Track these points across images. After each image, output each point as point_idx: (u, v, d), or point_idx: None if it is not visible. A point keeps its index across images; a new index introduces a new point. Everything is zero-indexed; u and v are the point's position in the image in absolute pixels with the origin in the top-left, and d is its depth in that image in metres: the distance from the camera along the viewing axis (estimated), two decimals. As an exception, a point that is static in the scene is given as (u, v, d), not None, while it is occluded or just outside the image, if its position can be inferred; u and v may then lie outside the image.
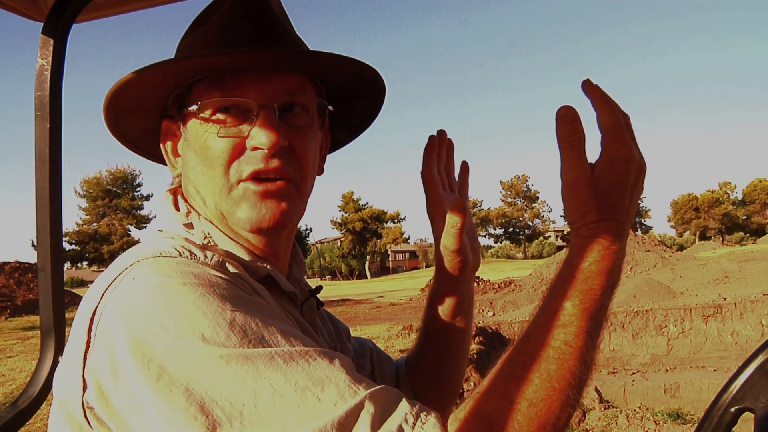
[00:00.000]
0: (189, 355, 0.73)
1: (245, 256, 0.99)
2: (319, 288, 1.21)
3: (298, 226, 1.15)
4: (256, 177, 0.97)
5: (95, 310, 0.82)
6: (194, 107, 0.97)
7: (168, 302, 0.77)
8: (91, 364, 0.79)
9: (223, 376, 0.71)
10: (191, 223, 1.03)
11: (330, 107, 1.09)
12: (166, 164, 1.21)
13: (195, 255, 0.88)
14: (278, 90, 0.99)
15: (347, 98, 1.15)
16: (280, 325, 0.80)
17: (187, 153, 1.03)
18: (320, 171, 1.15)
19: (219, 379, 0.71)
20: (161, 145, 1.10)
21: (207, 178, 0.99)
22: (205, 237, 1.00)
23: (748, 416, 1.18)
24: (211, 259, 0.89)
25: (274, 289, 1.03)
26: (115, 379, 0.76)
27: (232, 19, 1.02)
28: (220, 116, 0.97)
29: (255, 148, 0.96)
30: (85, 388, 0.80)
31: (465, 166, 1.30)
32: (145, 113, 1.07)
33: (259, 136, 0.95)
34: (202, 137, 0.98)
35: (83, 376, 0.80)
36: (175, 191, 1.10)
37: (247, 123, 0.97)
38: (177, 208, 1.06)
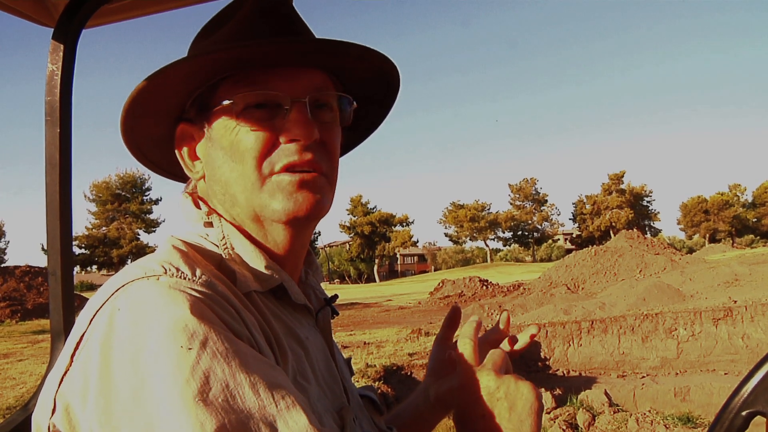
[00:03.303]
0: (148, 404, 0.70)
1: (260, 262, 0.98)
2: (335, 297, 1.21)
3: None
4: (289, 169, 0.97)
5: (83, 335, 0.82)
6: (226, 103, 0.97)
7: (140, 345, 0.74)
8: (64, 388, 0.79)
9: (172, 427, 0.68)
10: (211, 222, 1.02)
11: (355, 103, 1.09)
12: (170, 177, 1.21)
13: (182, 272, 0.86)
14: (307, 85, 1.00)
15: (359, 99, 1.15)
16: (251, 375, 0.75)
17: (212, 153, 1.02)
18: None
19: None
20: (176, 150, 1.08)
21: (237, 174, 0.98)
22: (223, 238, 1.00)
23: (759, 420, 1.17)
24: (199, 278, 0.86)
25: (286, 298, 1.02)
26: (84, 408, 0.75)
27: (257, 17, 1.02)
28: (251, 111, 0.97)
29: (290, 141, 0.97)
30: (54, 411, 0.79)
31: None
32: (160, 117, 1.06)
33: (295, 130, 0.96)
34: (232, 133, 0.98)
35: (55, 398, 0.79)
36: (192, 195, 1.09)
37: (278, 118, 0.97)
38: (198, 208, 1.06)
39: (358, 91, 1.12)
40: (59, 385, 0.80)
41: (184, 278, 0.84)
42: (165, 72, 0.96)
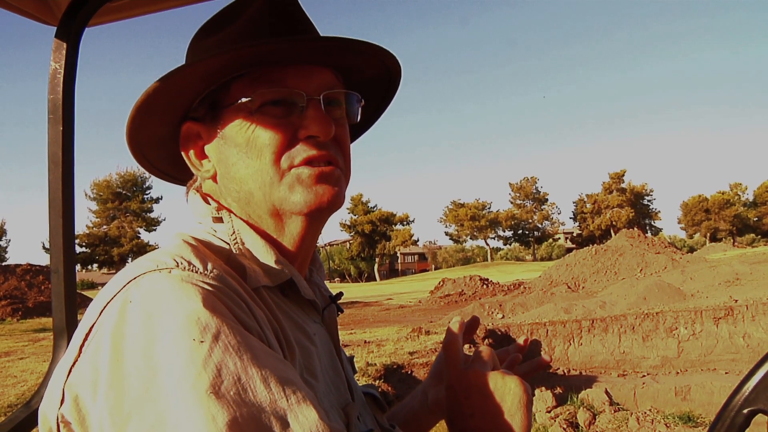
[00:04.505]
0: (160, 397, 0.70)
1: (271, 257, 0.99)
2: (340, 294, 1.21)
3: None
4: (308, 163, 0.98)
5: (92, 327, 0.82)
6: (244, 100, 0.98)
7: (152, 337, 0.74)
8: (72, 379, 0.79)
9: (184, 423, 0.68)
10: (220, 218, 1.02)
11: (363, 101, 1.10)
12: (168, 179, 1.21)
13: (194, 266, 0.86)
14: (320, 83, 1.01)
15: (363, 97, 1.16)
16: (263, 369, 0.75)
17: (225, 151, 1.02)
18: None
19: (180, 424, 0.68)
20: (182, 150, 1.08)
21: (253, 170, 0.99)
22: (233, 233, 1.00)
23: (761, 418, 1.17)
24: (211, 272, 0.86)
25: (293, 295, 1.03)
26: (94, 399, 0.75)
27: (267, 15, 1.03)
28: (267, 108, 0.98)
29: (308, 138, 0.98)
30: (62, 402, 0.79)
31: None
32: (166, 117, 1.05)
33: (313, 126, 0.97)
34: (248, 130, 0.98)
35: (63, 388, 0.79)
36: (198, 191, 1.09)
37: (294, 115, 0.99)
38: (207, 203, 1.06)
39: (361, 89, 1.12)
40: (67, 376, 0.79)
41: (196, 272, 0.84)
42: (182, 71, 0.96)
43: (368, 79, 1.14)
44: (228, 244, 0.99)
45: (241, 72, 0.98)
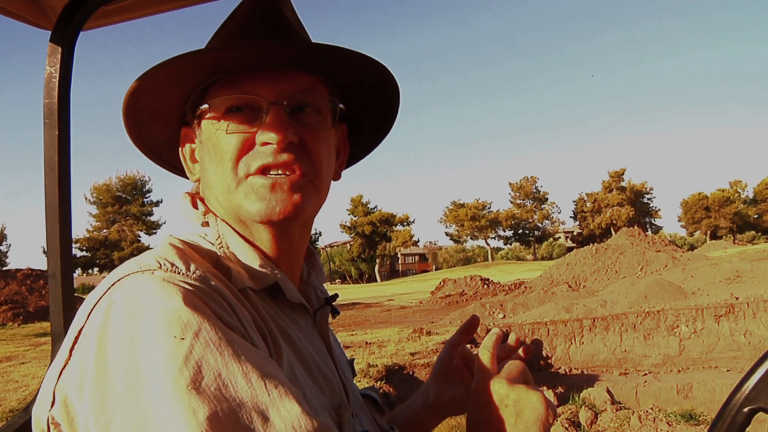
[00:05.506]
0: (142, 394, 0.71)
1: (255, 261, 0.99)
2: (335, 296, 1.21)
3: None
4: (264, 171, 0.98)
5: (81, 330, 0.82)
6: (204, 107, 1.00)
7: (135, 336, 0.75)
8: (63, 381, 0.80)
9: (166, 419, 0.69)
10: (208, 222, 1.03)
11: (341, 105, 1.09)
12: (185, 175, 1.22)
13: (176, 267, 0.87)
14: (289, 89, 1.00)
15: (363, 105, 1.16)
16: (243, 365, 0.75)
17: (203, 155, 1.05)
18: (336, 176, 1.15)
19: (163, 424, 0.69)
20: (180, 151, 1.12)
21: (218, 176, 1.00)
22: (218, 237, 1.01)
23: (762, 416, 1.16)
24: (193, 273, 0.87)
25: (281, 298, 1.03)
26: (81, 399, 0.76)
27: (245, 22, 1.04)
28: (231, 114, 0.99)
29: (264, 144, 0.97)
30: (53, 404, 0.80)
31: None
32: (165, 120, 1.09)
33: (268, 132, 0.96)
34: (214, 135, 1.00)
35: (54, 391, 0.80)
36: (193, 195, 1.10)
37: (257, 121, 0.98)
38: (195, 208, 1.07)
39: (359, 96, 1.13)
40: (58, 378, 0.81)
41: (178, 272, 0.85)
42: (151, 74, 0.97)
43: (364, 84, 1.12)
44: (215, 247, 1.00)
45: (215, 77, 1.00)
